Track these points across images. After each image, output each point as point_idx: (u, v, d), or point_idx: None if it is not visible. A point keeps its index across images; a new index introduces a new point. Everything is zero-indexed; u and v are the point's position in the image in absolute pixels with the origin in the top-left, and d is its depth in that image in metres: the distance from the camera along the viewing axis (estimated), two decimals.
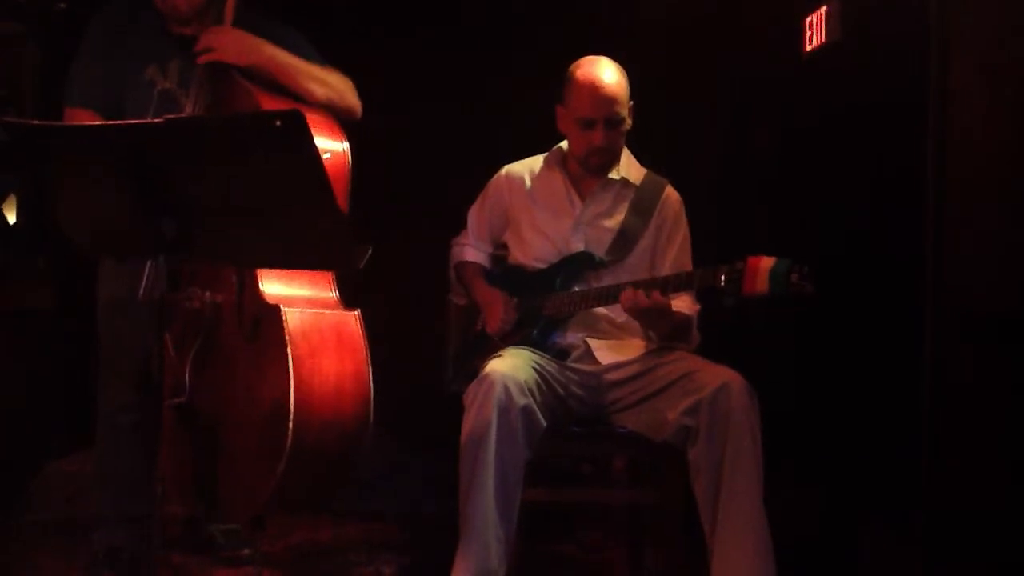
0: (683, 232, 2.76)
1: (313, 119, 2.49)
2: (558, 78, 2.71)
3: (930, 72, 2.46)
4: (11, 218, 3.80)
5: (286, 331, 2.30)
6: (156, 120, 1.83)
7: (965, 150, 2.44)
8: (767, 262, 2.23)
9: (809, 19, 3.08)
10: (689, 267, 2.70)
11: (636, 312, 2.46)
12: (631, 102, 2.65)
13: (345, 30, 3.71)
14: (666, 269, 2.68)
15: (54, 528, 3.21)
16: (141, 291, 2.31)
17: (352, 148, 2.59)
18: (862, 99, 2.86)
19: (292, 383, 2.27)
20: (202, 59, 2.54)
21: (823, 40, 3.02)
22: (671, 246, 2.73)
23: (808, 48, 3.10)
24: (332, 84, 2.67)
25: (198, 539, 2.98)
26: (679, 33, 3.53)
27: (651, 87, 2.70)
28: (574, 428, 2.57)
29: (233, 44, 2.54)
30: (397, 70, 3.75)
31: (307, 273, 2.49)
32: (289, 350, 2.29)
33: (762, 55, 3.35)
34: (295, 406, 2.26)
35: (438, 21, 3.94)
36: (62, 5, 3.47)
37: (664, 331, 2.58)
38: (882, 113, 2.74)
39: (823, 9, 3.01)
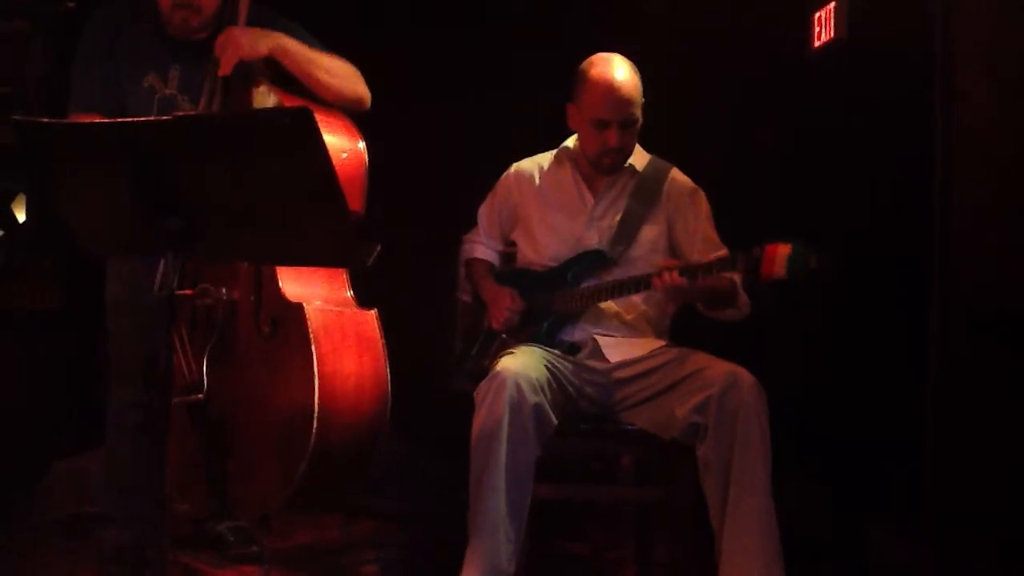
0: (705, 209, 2.71)
1: (330, 120, 2.52)
2: (565, 75, 2.69)
3: (936, 70, 2.47)
4: (20, 218, 3.80)
5: (310, 329, 2.30)
6: (165, 117, 1.83)
7: (971, 147, 2.44)
8: (785, 247, 2.23)
9: (818, 15, 3.08)
10: (717, 240, 2.66)
11: (672, 291, 2.41)
12: (643, 99, 2.62)
13: (351, 30, 3.71)
14: (697, 248, 2.63)
15: (62, 527, 3.20)
16: (156, 286, 2.30)
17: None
18: (868, 96, 2.86)
19: (316, 381, 2.26)
20: (224, 70, 2.50)
21: (831, 36, 3.02)
22: (697, 225, 2.69)
23: (816, 44, 3.10)
24: (341, 73, 2.66)
25: (206, 537, 2.98)
26: (684, 29, 3.53)
27: (655, 83, 2.69)
28: (583, 426, 2.56)
29: (241, 39, 2.51)
30: (404, 69, 3.75)
31: (323, 272, 2.48)
32: (313, 348, 2.28)
33: (769, 51, 3.34)
34: (319, 405, 2.25)
35: (444, 21, 3.94)
36: (70, 4, 3.46)
37: (702, 300, 2.54)
38: (888, 110, 2.75)
39: (831, 5, 3.01)
